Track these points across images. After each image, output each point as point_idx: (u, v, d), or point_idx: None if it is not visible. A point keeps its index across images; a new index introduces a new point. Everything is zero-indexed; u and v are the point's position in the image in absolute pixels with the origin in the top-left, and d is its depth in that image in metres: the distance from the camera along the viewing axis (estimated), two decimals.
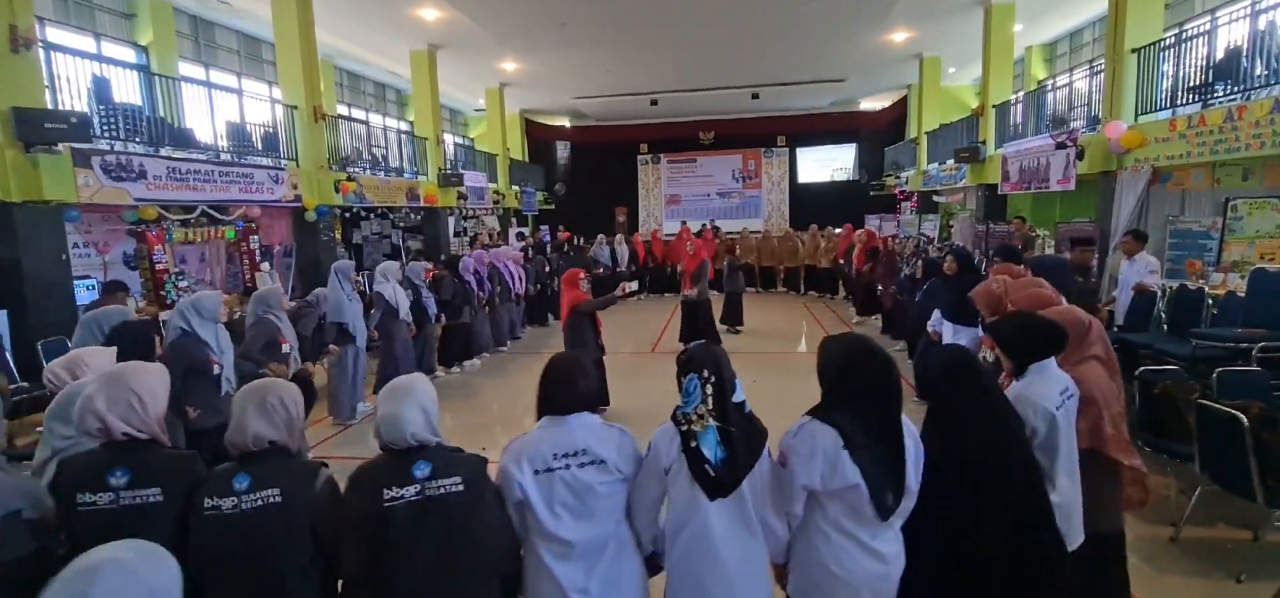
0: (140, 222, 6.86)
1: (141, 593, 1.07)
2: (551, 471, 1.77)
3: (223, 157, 7.93)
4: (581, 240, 14.48)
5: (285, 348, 4.52)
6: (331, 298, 5.83)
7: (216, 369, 3.72)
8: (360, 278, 8.08)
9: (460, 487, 1.69)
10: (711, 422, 1.77)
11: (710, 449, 1.75)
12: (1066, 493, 2.15)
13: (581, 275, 5.69)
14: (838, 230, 13.02)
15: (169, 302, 6.79)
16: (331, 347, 5.73)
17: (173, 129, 7.30)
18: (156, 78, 7.46)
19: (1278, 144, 5.58)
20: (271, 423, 1.74)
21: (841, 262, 11.29)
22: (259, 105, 9.27)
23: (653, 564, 1.98)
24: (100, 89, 6.46)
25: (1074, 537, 2.16)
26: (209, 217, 7.58)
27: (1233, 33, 6.81)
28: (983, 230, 10.65)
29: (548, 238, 15.84)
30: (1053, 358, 2.24)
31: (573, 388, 1.85)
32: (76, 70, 6.33)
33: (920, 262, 6.97)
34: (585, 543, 1.78)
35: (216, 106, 8.17)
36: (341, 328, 5.78)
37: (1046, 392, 2.15)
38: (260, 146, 8.58)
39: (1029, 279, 3.36)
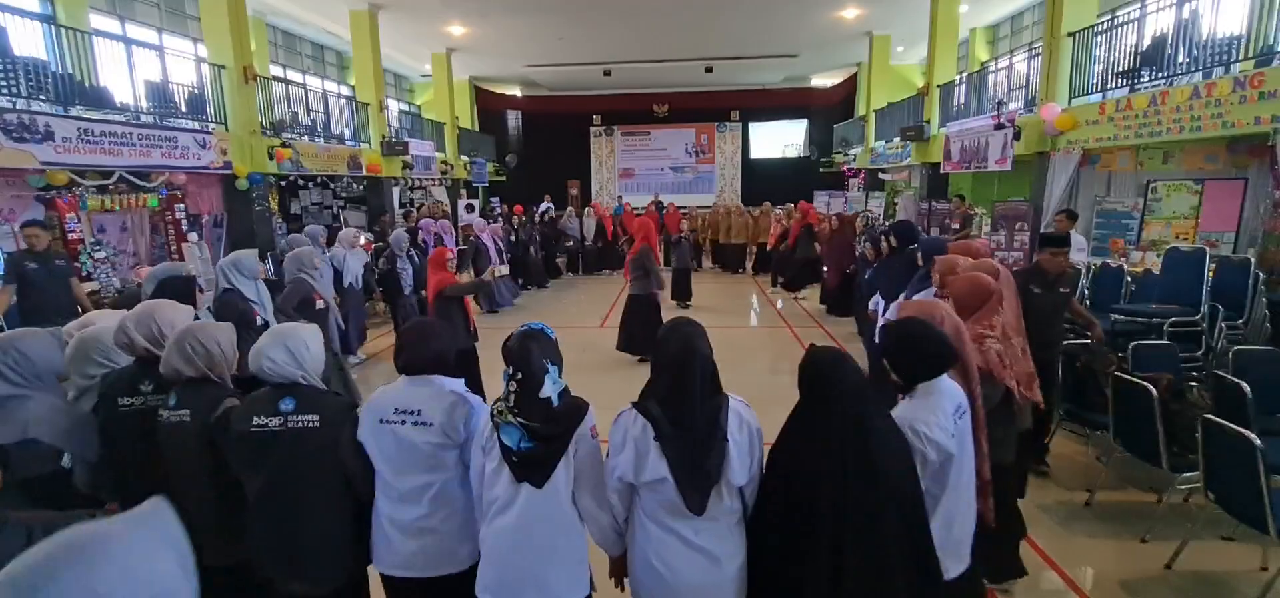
0: (49, 187, 6.35)
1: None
2: (387, 423, 1.95)
3: (143, 119, 7.40)
4: (550, 212, 14.24)
5: (320, 304, 4.74)
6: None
7: (259, 320, 4.08)
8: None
9: (316, 424, 1.97)
10: (511, 420, 1.80)
11: (512, 442, 1.80)
12: (953, 520, 1.97)
13: (449, 255, 5.12)
14: (778, 210, 13.02)
15: (84, 274, 6.34)
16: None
17: (84, 87, 6.76)
18: (64, 30, 6.86)
19: (1196, 128, 5.88)
20: (187, 362, 2.08)
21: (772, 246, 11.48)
22: (183, 64, 8.68)
23: None
24: None
25: (953, 567, 1.97)
26: (128, 183, 7.08)
27: (1160, 21, 7.12)
28: (925, 208, 10.97)
29: (499, 211, 15.52)
30: (943, 376, 1.98)
31: (420, 351, 2.03)
32: None
33: (868, 241, 6.84)
34: (408, 490, 1.97)
35: (135, 64, 7.59)
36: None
37: (938, 418, 1.89)
38: (184, 109, 8.05)
39: (983, 262, 3.19)
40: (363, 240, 7.49)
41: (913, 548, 1.70)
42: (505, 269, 6.06)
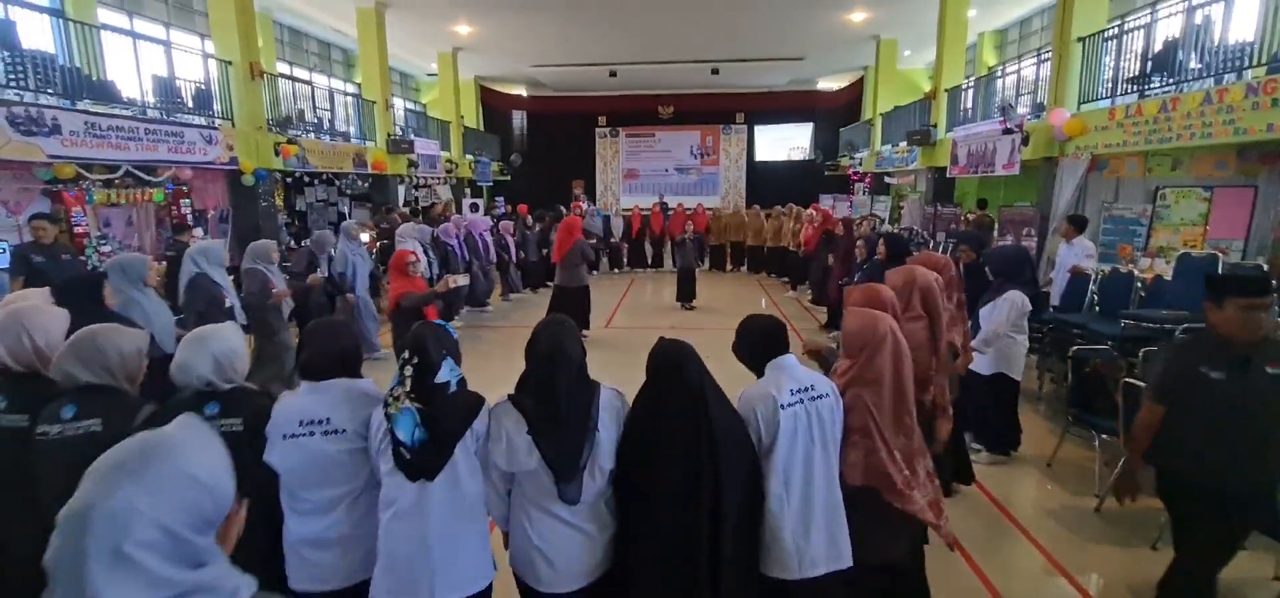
0: (56, 180, 6.36)
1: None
2: (295, 437, 1.84)
3: (149, 113, 7.42)
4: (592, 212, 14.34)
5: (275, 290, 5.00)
6: (340, 253, 6.65)
7: (228, 303, 4.27)
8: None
9: (239, 427, 1.86)
10: (407, 404, 1.74)
11: (405, 432, 1.72)
12: (778, 508, 1.95)
13: (409, 258, 4.89)
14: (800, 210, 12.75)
15: (89, 268, 6.34)
16: (349, 295, 6.56)
17: (92, 81, 6.78)
18: (72, 24, 6.88)
19: (1207, 135, 5.84)
20: (86, 367, 1.91)
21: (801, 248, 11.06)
22: (190, 60, 8.71)
23: None
24: (4, 33, 5.92)
25: (802, 566, 1.96)
26: (135, 177, 7.09)
27: (1171, 26, 7.08)
28: (931, 213, 10.93)
29: (503, 210, 15.55)
30: (792, 356, 2.10)
31: (322, 352, 1.93)
32: None
33: (864, 244, 6.65)
34: (319, 502, 1.87)
35: (142, 59, 7.61)
36: (345, 277, 6.56)
37: (776, 388, 2.00)
38: (191, 104, 8.06)
39: (865, 288, 2.71)
40: (366, 237, 7.57)
41: (750, 517, 1.95)
42: (464, 278, 6.16)
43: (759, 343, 2.13)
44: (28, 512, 1.89)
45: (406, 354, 1.79)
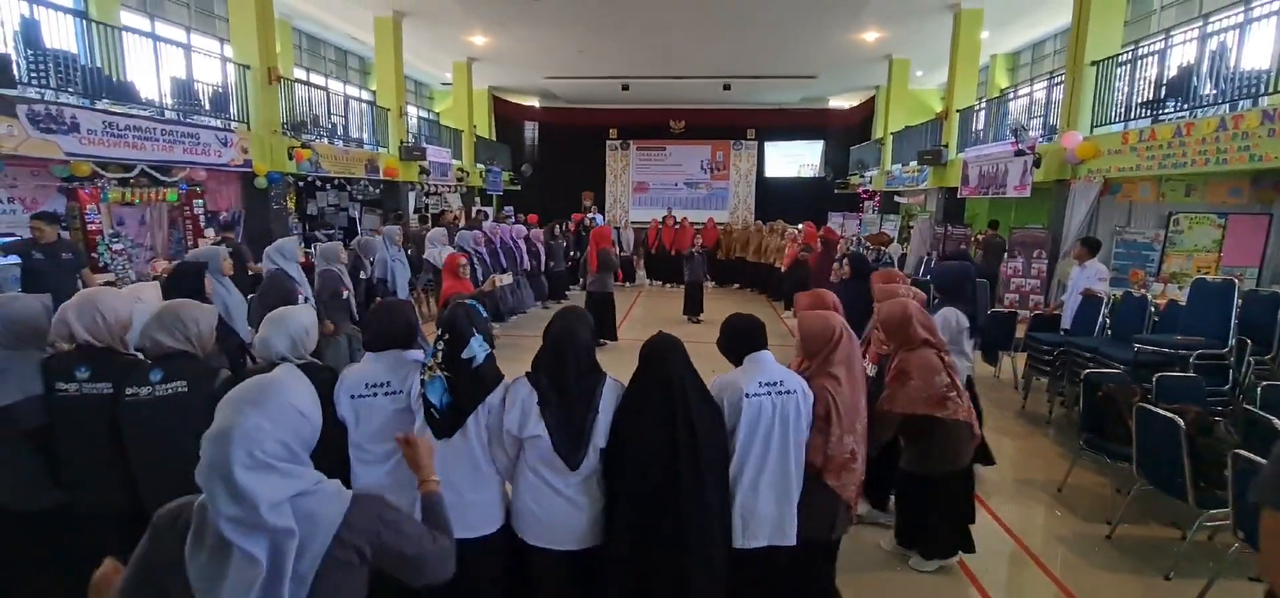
0: (72, 178, 6.43)
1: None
2: (362, 397, 2.16)
3: (167, 114, 7.50)
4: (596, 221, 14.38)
5: (345, 294, 5.13)
6: (379, 257, 6.64)
7: (302, 298, 4.46)
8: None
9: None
10: (438, 373, 2.04)
11: (436, 396, 2.04)
12: (742, 488, 2.23)
13: (461, 261, 5.15)
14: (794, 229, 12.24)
15: (101, 264, 6.40)
16: (378, 300, 6.38)
17: (111, 81, 6.86)
18: (95, 25, 6.99)
19: (1222, 161, 5.79)
20: (168, 334, 2.21)
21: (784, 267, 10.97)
22: (209, 63, 8.81)
23: None
24: (29, 31, 6.01)
25: (746, 535, 2.24)
26: (149, 177, 7.16)
27: (1185, 52, 7.05)
28: (942, 233, 10.88)
29: (514, 220, 15.60)
30: (766, 351, 2.37)
31: (384, 330, 2.26)
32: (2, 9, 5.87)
33: (846, 261, 6.48)
34: (383, 453, 2.16)
35: (162, 61, 7.71)
36: (384, 282, 6.58)
37: (745, 379, 2.27)
38: (208, 106, 8.15)
39: (811, 294, 3.05)
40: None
41: (722, 488, 2.20)
42: (507, 277, 6.23)
43: (736, 339, 2.42)
44: (113, 464, 2.18)
45: (440, 330, 2.07)
